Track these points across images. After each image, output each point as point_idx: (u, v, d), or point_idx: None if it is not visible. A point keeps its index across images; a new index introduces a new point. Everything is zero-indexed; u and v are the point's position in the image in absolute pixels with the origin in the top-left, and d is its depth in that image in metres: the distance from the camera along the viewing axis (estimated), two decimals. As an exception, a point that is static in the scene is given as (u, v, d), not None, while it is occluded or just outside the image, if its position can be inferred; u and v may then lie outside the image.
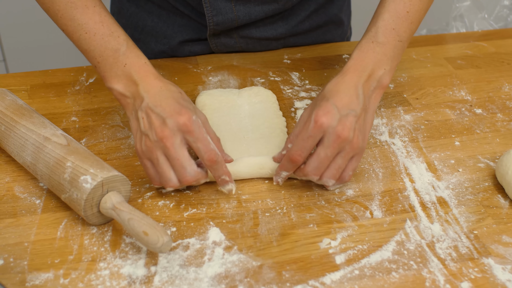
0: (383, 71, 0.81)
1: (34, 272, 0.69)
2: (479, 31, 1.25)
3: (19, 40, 2.01)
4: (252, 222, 0.76)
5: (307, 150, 0.76)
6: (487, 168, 0.86)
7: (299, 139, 0.77)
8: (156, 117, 0.76)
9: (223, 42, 1.11)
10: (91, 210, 0.73)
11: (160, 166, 0.76)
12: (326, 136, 0.75)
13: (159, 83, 0.79)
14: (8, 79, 1.04)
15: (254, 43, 1.12)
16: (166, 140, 0.75)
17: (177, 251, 0.71)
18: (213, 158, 0.76)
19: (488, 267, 0.70)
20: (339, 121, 0.75)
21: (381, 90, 0.82)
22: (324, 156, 0.76)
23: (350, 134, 0.75)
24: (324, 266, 0.70)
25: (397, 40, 0.83)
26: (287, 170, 0.79)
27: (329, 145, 0.75)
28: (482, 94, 1.03)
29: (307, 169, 0.77)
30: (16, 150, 0.81)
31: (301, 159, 0.77)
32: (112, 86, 0.81)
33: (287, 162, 0.78)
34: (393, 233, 0.74)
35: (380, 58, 0.82)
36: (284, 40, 1.14)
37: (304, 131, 0.76)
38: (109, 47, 0.81)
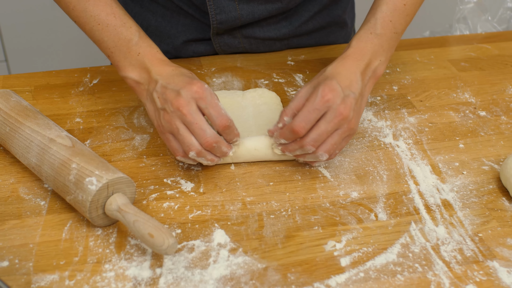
0: (378, 61, 0.85)
1: (39, 273, 0.69)
2: (482, 33, 1.25)
3: (21, 41, 2.01)
4: (257, 224, 0.76)
5: (310, 122, 0.78)
6: (491, 170, 0.86)
7: (304, 111, 0.78)
8: (171, 92, 0.79)
9: (227, 42, 1.11)
10: (96, 212, 0.73)
11: (181, 134, 0.79)
12: (329, 111, 0.78)
13: (171, 67, 0.83)
14: (12, 80, 1.04)
15: (257, 43, 1.12)
16: (182, 108, 0.78)
17: (182, 253, 0.71)
18: (225, 123, 0.79)
19: (493, 270, 0.70)
20: (342, 100, 0.78)
21: (375, 80, 0.86)
22: (324, 130, 0.78)
23: (350, 113, 0.79)
24: (329, 269, 0.70)
25: (393, 32, 0.87)
26: (287, 139, 0.81)
27: (331, 120, 0.78)
28: (486, 97, 1.03)
29: (306, 139, 0.79)
30: (21, 152, 0.81)
31: (303, 130, 0.78)
32: (127, 75, 0.84)
33: (288, 131, 0.80)
34: (398, 236, 0.74)
35: (377, 49, 0.86)
36: (287, 41, 1.14)
37: (310, 104, 0.78)
38: (122, 37, 0.85)
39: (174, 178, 0.83)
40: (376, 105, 0.99)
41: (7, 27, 1.98)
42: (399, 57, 1.14)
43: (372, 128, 0.94)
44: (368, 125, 0.95)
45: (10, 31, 1.99)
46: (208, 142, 0.78)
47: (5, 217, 0.76)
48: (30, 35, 2.01)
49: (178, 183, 0.82)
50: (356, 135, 0.92)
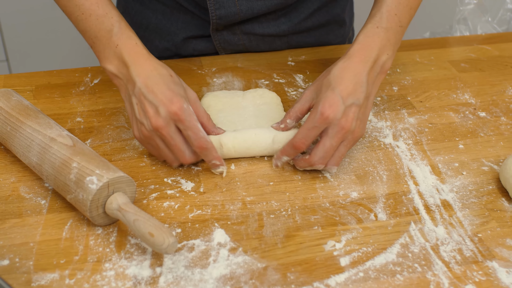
0: (386, 56, 0.85)
1: (39, 272, 0.69)
2: (482, 35, 1.26)
3: (22, 40, 2.02)
4: (257, 224, 0.76)
5: (310, 139, 0.80)
6: (491, 171, 0.86)
7: (304, 128, 0.80)
8: (149, 105, 0.79)
9: (227, 39, 1.11)
10: (97, 211, 0.73)
11: (162, 150, 0.82)
12: (331, 127, 0.79)
13: (149, 66, 0.82)
14: (13, 79, 1.05)
15: (257, 40, 1.13)
16: (162, 129, 0.79)
17: (182, 252, 0.72)
18: (203, 145, 0.80)
19: (492, 270, 0.70)
20: (343, 113, 0.79)
21: (383, 75, 0.86)
22: (329, 146, 0.80)
23: (352, 125, 0.79)
24: (329, 268, 0.70)
25: (398, 26, 0.87)
26: (289, 155, 0.83)
27: (333, 135, 0.79)
28: (486, 98, 1.03)
29: (313, 159, 0.80)
30: (22, 151, 0.81)
31: (304, 146, 0.80)
32: (105, 67, 0.84)
33: (290, 148, 0.82)
34: (398, 236, 0.75)
35: (385, 44, 0.85)
36: (287, 38, 1.15)
37: (310, 121, 0.79)
38: (102, 28, 0.84)
39: (175, 177, 0.83)
40: (376, 106, 1.00)
41: (8, 26, 1.98)
42: (399, 57, 1.14)
43: (372, 129, 0.94)
44: (368, 125, 0.95)
45: (11, 30, 1.99)
46: (187, 161, 0.83)
47: (5, 216, 0.76)
48: (31, 34, 2.01)
49: (178, 182, 0.82)
50: (356, 135, 0.92)
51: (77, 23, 0.87)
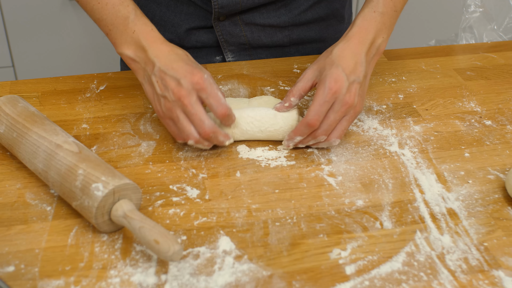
0: (381, 39, 0.91)
1: (45, 279, 0.69)
2: (488, 43, 1.26)
3: (28, 46, 2.02)
4: (262, 232, 0.76)
5: (323, 114, 0.84)
6: (497, 180, 0.86)
7: (315, 105, 0.84)
8: (171, 79, 0.83)
9: (228, 30, 1.13)
10: (102, 218, 0.73)
11: (181, 122, 0.84)
12: (336, 102, 0.84)
13: (166, 48, 0.86)
14: (19, 85, 1.05)
15: (258, 31, 1.14)
16: (184, 98, 0.82)
17: (187, 259, 0.72)
18: (225, 111, 0.85)
19: (498, 279, 0.70)
20: (347, 89, 0.84)
21: (378, 56, 0.92)
22: (333, 119, 0.85)
23: (355, 100, 0.85)
24: (334, 277, 0.70)
25: (393, 10, 0.94)
26: (302, 134, 0.86)
27: (338, 109, 0.84)
28: (492, 106, 1.03)
29: (318, 131, 0.85)
30: (28, 157, 0.81)
31: (318, 123, 0.85)
32: (123, 52, 0.88)
33: (304, 127, 0.85)
34: (403, 244, 0.74)
35: (380, 27, 0.91)
36: (288, 31, 1.16)
37: (320, 97, 0.84)
38: (119, 15, 0.88)
39: (180, 184, 0.83)
40: (381, 114, 1.00)
41: (14, 33, 1.99)
42: (405, 65, 1.14)
43: (378, 137, 0.94)
44: (373, 133, 0.95)
45: (16, 37, 2.00)
46: (206, 132, 0.84)
47: (11, 222, 0.77)
48: (37, 41, 2.02)
49: (184, 189, 0.82)
50: (362, 143, 0.92)
51: (93, 12, 0.90)
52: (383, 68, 1.13)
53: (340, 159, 0.89)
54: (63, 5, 1.95)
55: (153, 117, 0.97)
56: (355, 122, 0.97)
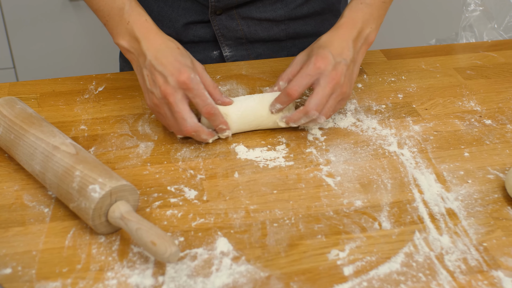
0: (369, 29, 0.94)
1: (42, 281, 0.69)
2: (488, 41, 1.25)
3: (29, 48, 2.03)
4: (260, 233, 0.76)
5: (303, 86, 0.88)
6: (496, 179, 0.85)
7: (297, 77, 0.88)
8: (159, 75, 0.86)
9: (225, 25, 1.14)
10: (99, 219, 0.73)
11: (168, 119, 0.88)
12: (322, 77, 0.88)
13: (159, 40, 0.89)
14: (17, 87, 1.05)
15: (255, 25, 1.15)
16: (169, 96, 0.85)
17: (184, 261, 0.71)
18: (210, 111, 0.87)
19: (498, 279, 0.70)
20: (333, 67, 0.88)
21: (367, 46, 0.95)
22: (322, 94, 0.87)
23: (341, 78, 0.88)
24: (332, 278, 0.70)
25: (381, 2, 0.96)
26: (282, 103, 0.90)
27: (325, 85, 0.87)
28: (492, 105, 1.02)
29: (309, 106, 0.88)
30: (25, 159, 0.81)
31: (296, 93, 0.88)
32: (118, 42, 0.91)
33: (284, 95, 0.89)
34: (402, 245, 0.74)
35: (368, 18, 0.94)
36: (284, 25, 1.16)
37: (303, 70, 0.88)
38: (114, 6, 0.90)
39: (178, 185, 0.83)
40: (381, 113, 0.99)
41: (15, 34, 1.99)
42: (405, 65, 1.14)
43: (377, 137, 0.93)
44: (372, 133, 0.94)
45: (17, 38, 2.00)
46: (187, 130, 0.87)
47: (9, 224, 0.76)
48: (38, 42, 2.02)
49: (181, 190, 0.82)
50: (361, 143, 0.92)
51: (91, 3, 0.92)
52: (382, 68, 1.13)
53: (338, 159, 0.89)
54: (64, 6, 1.95)
55: (151, 118, 0.97)
56: (354, 122, 0.97)
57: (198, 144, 0.91)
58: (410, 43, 1.61)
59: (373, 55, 1.17)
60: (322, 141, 0.92)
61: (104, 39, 2.00)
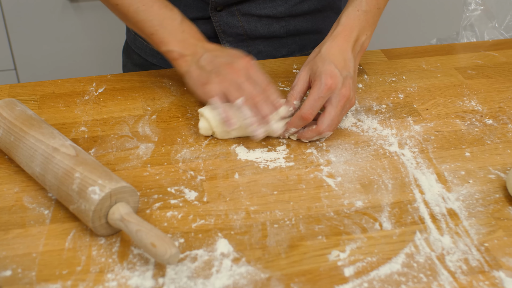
0: (365, 36, 0.96)
1: (42, 283, 0.68)
2: (489, 41, 1.25)
3: (30, 49, 2.03)
4: (261, 234, 0.75)
5: (317, 108, 0.88)
6: (498, 179, 0.85)
7: (310, 100, 0.88)
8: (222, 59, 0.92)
9: (226, 21, 1.15)
10: (99, 221, 0.73)
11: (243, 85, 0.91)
12: (334, 97, 0.88)
13: (214, 44, 0.96)
14: (18, 89, 1.05)
15: (255, 21, 1.15)
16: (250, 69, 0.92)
17: (185, 262, 0.71)
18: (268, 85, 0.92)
19: (499, 280, 0.69)
20: (343, 84, 0.89)
21: (362, 53, 0.97)
22: (334, 114, 0.89)
23: (350, 94, 0.90)
24: (333, 279, 0.69)
25: (376, 8, 0.98)
26: (296, 126, 0.90)
27: (337, 104, 0.88)
28: (493, 104, 1.02)
29: (322, 127, 0.89)
30: (25, 161, 0.81)
31: (311, 117, 0.88)
32: (172, 49, 0.95)
33: (298, 119, 0.89)
34: (403, 245, 0.74)
35: (364, 25, 0.95)
36: (284, 22, 1.17)
37: (315, 93, 0.88)
38: (166, 16, 0.96)
39: (178, 187, 0.83)
40: (381, 113, 0.99)
41: (16, 36, 1.99)
42: (405, 64, 1.14)
43: (378, 137, 0.93)
44: (373, 133, 0.94)
45: (18, 40, 2.00)
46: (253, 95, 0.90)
47: (9, 226, 0.76)
48: (39, 44, 2.02)
49: (182, 192, 0.82)
50: (361, 143, 0.92)
51: (137, 14, 0.96)
52: (383, 68, 1.13)
53: (339, 160, 0.88)
54: (65, 8, 1.95)
55: (151, 119, 0.97)
56: (355, 122, 0.97)
57: (198, 145, 0.91)
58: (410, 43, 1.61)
59: (374, 55, 1.17)
60: (322, 142, 0.92)
61: (104, 40, 2.00)
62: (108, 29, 1.98)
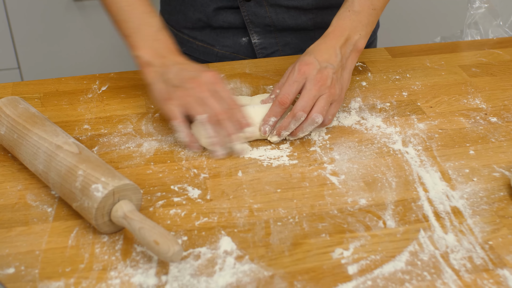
0: (358, 36, 0.95)
1: (45, 280, 0.68)
2: (494, 39, 1.24)
3: (33, 48, 2.03)
4: (264, 232, 0.75)
5: (293, 93, 0.89)
6: (502, 177, 0.85)
7: (285, 85, 0.90)
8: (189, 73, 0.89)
9: (254, 11, 1.15)
10: (102, 219, 0.73)
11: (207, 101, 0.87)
12: (308, 81, 0.89)
13: (184, 58, 0.93)
14: (21, 87, 1.05)
15: (283, 12, 1.15)
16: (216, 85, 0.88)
17: (188, 260, 0.71)
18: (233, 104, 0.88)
19: (503, 278, 0.69)
20: (318, 71, 0.89)
21: (357, 53, 0.96)
22: (307, 97, 0.88)
23: (328, 81, 0.89)
24: (336, 277, 0.69)
25: (371, 9, 0.97)
26: (275, 115, 0.90)
27: (311, 88, 0.88)
28: (497, 102, 1.02)
29: (296, 108, 0.88)
30: (28, 158, 0.81)
31: (288, 101, 0.89)
32: (140, 54, 0.92)
33: (275, 106, 0.89)
34: (407, 243, 0.73)
35: (356, 25, 0.95)
36: (312, 14, 1.17)
37: (289, 78, 0.90)
38: (145, 22, 0.94)
39: (181, 185, 0.83)
40: (385, 111, 0.99)
41: (20, 35, 1.99)
42: (409, 62, 1.13)
43: (381, 135, 0.93)
44: (377, 131, 0.94)
45: (22, 39, 2.00)
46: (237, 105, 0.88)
47: (12, 224, 0.76)
48: (42, 43, 2.02)
49: (185, 190, 0.82)
50: (365, 141, 0.91)
51: (119, 12, 0.95)
52: (387, 66, 1.12)
53: (343, 158, 0.88)
54: (68, 7, 1.95)
55: (155, 117, 0.97)
56: (359, 120, 0.96)
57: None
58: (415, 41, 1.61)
59: (378, 53, 1.17)
60: (326, 140, 0.92)
61: (107, 39, 2.00)
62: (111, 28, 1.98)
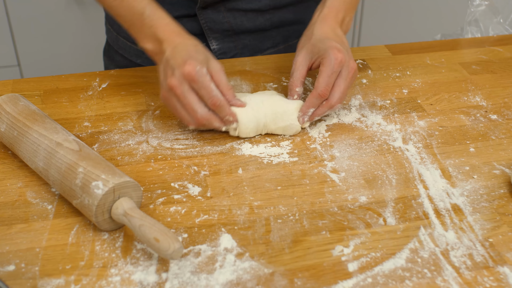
0: (349, 18, 0.99)
1: (45, 278, 0.68)
2: (494, 36, 1.24)
3: (33, 46, 2.03)
4: (264, 229, 0.75)
5: (331, 84, 0.90)
6: (502, 175, 0.85)
7: (324, 77, 0.89)
8: (169, 68, 0.86)
9: (212, 18, 1.14)
10: (103, 216, 0.73)
11: (178, 110, 0.88)
12: (344, 70, 0.90)
13: (178, 39, 0.90)
14: (21, 84, 1.05)
15: (241, 16, 1.15)
16: (175, 89, 0.85)
17: (188, 257, 0.71)
18: (216, 102, 0.86)
19: (504, 275, 0.69)
20: (349, 58, 0.91)
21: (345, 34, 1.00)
22: (344, 87, 0.90)
23: (356, 66, 0.91)
24: (337, 274, 0.69)
25: None
26: (315, 106, 0.91)
27: (346, 76, 0.90)
28: (498, 100, 1.02)
29: (333, 100, 0.90)
30: (29, 156, 0.81)
31: (328, 93, 0.90)
32: (144, 46, 0.92)
33: (315, 98, 0.90)
34: (407, 241, 0.74)
35: (348, 7, 0.99)
36: (269, 14, 1.17)
37: (328, 68, 0.89)
38: (135, 11, 0.91)
39: (182, 182, 0.83)
40: (385, 109, 0.99)
41: (20, 32, 1.99)
42: (410, 60, 1.13)
43: (382, 132, 0.93)
44: (377, 128, 0.94)
45: (22, 36, 2.00)
46: (198, 120, 0.87)
47: (12, 221, 0.76)
48: (42, 40, 2.02)
49: (185, 187, 0.82)
50: (365, 139, 0.91)
51: (111, 9, 0.94)
52: (387, 63, 1.12)
53: (343, 155, 0.88)
54: (68, 4, 1.95)
55: (155, 114, 0.97)
56: (359, 117, 0.96)
57: (202, 141, 0.91)
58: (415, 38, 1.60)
59: (378, 50, 1.17)
60: (326, 137, 0.92)
61: (108, 36, 2.00)
62: (111, 25, 1.98)
